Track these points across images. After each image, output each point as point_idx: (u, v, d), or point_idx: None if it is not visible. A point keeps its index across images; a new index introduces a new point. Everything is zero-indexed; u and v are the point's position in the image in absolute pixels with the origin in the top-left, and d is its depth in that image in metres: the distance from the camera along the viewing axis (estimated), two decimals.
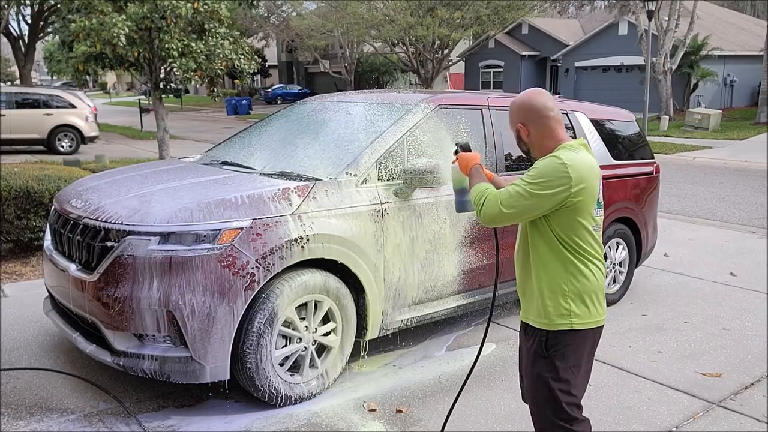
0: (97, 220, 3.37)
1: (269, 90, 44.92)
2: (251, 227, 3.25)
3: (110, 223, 3.30)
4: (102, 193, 3.70)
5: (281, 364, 3.43)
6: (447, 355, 4.17)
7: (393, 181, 3.84)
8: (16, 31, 23.53)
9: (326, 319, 3.62)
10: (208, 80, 10.50)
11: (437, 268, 4.03)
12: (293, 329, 3.46)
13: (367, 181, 3.74)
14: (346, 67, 37.74)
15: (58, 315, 3.85)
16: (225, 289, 3.16)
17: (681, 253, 6.76)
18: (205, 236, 3.18)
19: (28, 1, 20.67)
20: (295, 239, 3.34)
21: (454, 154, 2.67)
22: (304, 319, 3.51)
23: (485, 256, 4.28)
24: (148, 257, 3.15)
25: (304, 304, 3.50)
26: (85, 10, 9.32)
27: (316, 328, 3.57)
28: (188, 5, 9.33)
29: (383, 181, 3.81)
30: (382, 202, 3.74)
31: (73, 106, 16.34)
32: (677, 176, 12.63)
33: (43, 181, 5.96)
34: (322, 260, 3.51)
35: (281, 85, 46.07)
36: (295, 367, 3.53)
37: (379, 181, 3.79)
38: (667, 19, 23.96)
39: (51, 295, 3.96)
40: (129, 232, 3.22)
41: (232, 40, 10.36)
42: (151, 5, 9.10)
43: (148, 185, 3.74)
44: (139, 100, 27.89)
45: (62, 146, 16.05)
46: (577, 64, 31.84)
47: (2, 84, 32.10)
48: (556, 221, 2.25)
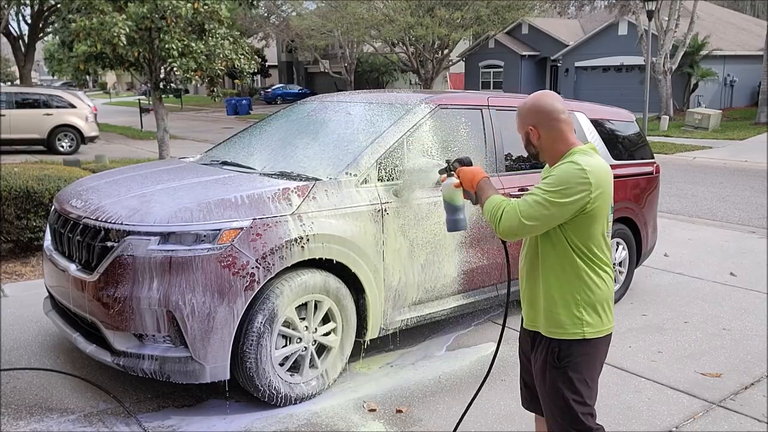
0: (97, 220, 3.37)
1: (269, 90, 44.92)
2: (251, 227, 3.25)
3: (110, 223, 3.30)
4: (102, 193, 3.70)
5: (281, 364, 3.43)
6: (447, 355, 4.17)
7: (393, 181, 3.84)
8: (16, 31, 23.54)
9: (326, 319, 3.62)
10: (208, 80, 10.51)
11: (437, 269, 4.03)
12: (293, 329, 3.46)
13: (367, 181, 3.74)
14: (346, 67, 37.74)
15: (58, 315, 3.85)
16: (225, 289, 3.16)
17: (681, 253, 6.76)
18: (205, 236, 3.18)
19: (28, 1, 20.67)
20: (295, 239, 3.34)
21: (446, 170, 2.56)
22: (304, 319, 3.51)
23: (485, 256, 4.29)
24: (148, 257, 3.15)
25: (304, 304, 3.50)
26: (86, 9, 9.32)
27: (316, 328, 3.57)
28: (188, 5, 9.33)
29: (383, 181, 3.81)
30: (382, 202, 3.74)
31: (73, 106, 16.34)
32: (677, 176, 12.63)
33: (43, 181, 5.96)
34: (322, 260, 3.51)
35: (281, 85, 46.07)
36: (295, 367, 3.53)
37: (379, 181, 3.79)
38: (667, 19, 23.96)
39: (51, 295, 3.96)
40: (129, 232, 3.22)
41: (232, 40, 10.36)
42: (151, 5, 9.11)
43: (148, 185, 3.74)
44: (139, 100, 27.89)
45: (62, 146, 16.05)
46: (577, 64, 31.83)
47: (2, 84, 32.09)
48: (572, 229, 2.21)
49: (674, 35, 24.13)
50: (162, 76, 10.70)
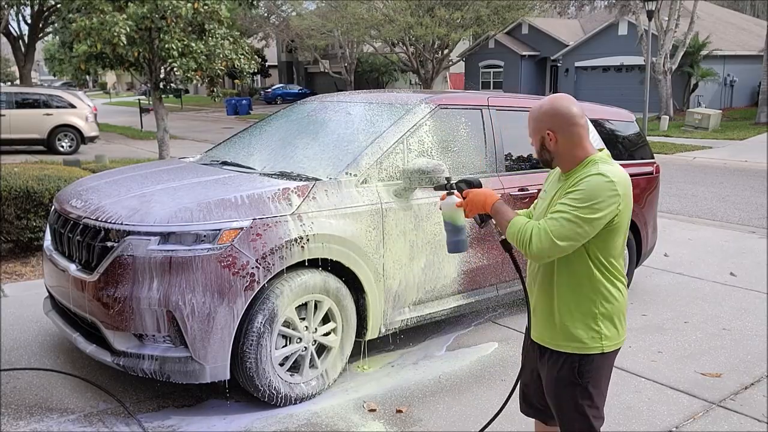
0: (97, 220, 3.37)
1: (269, 90, 44.93)
2: (251, 227, 3.25)
3: (110, 223, 3.30)
4: (102, 193, 3.70)
5: (281, 364, 3.43)
6: (447, 355, 4.17)
7: (393, 181, 3.84)
8: (16, 31, 23.55)
9: (326, 319, 3.62)
10: (208, 80, 10.51)
11: (437, 269, 4.03)
12: (293, 329, 3.46)
13: (367, 182, 3.74)
14: (346, 67, 37.75)
15: (58, 315, 3.85)
16: (225, 289, 3.16)
17: (681, 253, 6.76)
18: (205, 236, 3.18)
19: (28, 1, 20.67)
20: (295, 239, 3.34)
21: (445, 189, 2.41)
22: (304, 319, 3.51)
23: (485, 256, 4.28)
24: (148, 257, 3.15)
25: (304, 304, 3.50)
26: (86, 9, 9.32)
27: (316, 328, 3.57)
28: (188, 5, 9.34)
29: (383, 182, 3.81)
30: (383, 203, 3.74)
31: (73, 106, 16.35)
32: (677, 176, 12.63)
33: (43, 181, 5.96)
34: (322, 260, 3.51)
35: (281, 85, 46.08)
36: (295, 367, 3.53)
37: (379, 182, 3.79)
38: (667, 19, 23.96)
39: (51, 295, 3.96)
40: (129, 232, 3.22)
41: (232, 40, 10.37)
42: (151, 5, 9.11)
43: (148, 185, 3.74)
44: (139, 100, 27.90)
45: (62, 146, 16.05)
46: (577, 64, 31.84)
47: (2, 84, 32.10)
48: (595, 242, 2.11)
49: (674, 35, 24.13)
50: (162, 76, 10.70)
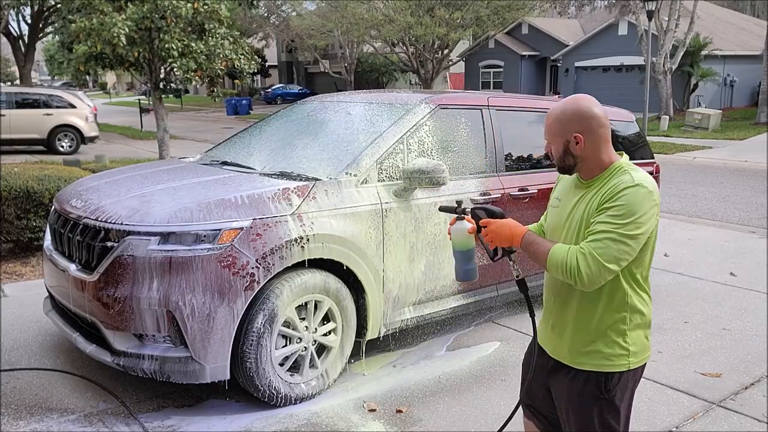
0: (97, 220, 3.37)
1: (269, 90, 44.93)
2: (251, 227, 3.25)
3: (110, 223, 3.30)
4: (102, 193, 3.70)
5: (281, 364, 3.43)
6: (447, 355, 4.17)
7: (393, 181, 3.84)
8: (16, 31, 23.54)
9: (326, 319, 3.62)
10: (208, 80, 10.51)
11: (437, 269, 4.03)
12: (293, 329, 3.46)
13: (368, 182, 3.74)
14: (346, 67, 37.75)
15: (58, 315, 3.85)
16: (225, 289, 3.16)
17: (681, 253, 6.76)
18: (205, 236, 3.18)
19: (28, 1, 20.68)
20: (295, 239, 3.34)
21: (455, 212, 2.24)
22: (304, 319, 3.51)
23: (485, 255, 4.27)
24: (148, 257, 3.15)
25: (304, 304, 3.50)
26: (86, 10, 9.33)
27: (316, 328, 3.57)
28: (188, 5, 9.34)
29: (383, 182, 3.81)
30: (383, 203, 3.74)
31: (73, 106, 16.35)
32: (677, 176, 12.63)
33: (43, 181, 5.96)
34: (322, 260, 3.51)
35: (281, 85, 46.09)
36: (295, 367, 3.53)
37: (379, 182, 3.79)
38: (667, 19, 23.97)
39: (51, 295, 3.96)
40: (129, 232, 3.22)
41: (232, 40, 10.37)
42: (151, 5, 9.11)
43: (148, 185, 3.74)
44: (139, 100, 27.90)
45: (62, 146, 16.06)
46: (577, 64, 31.84)
47: (2, 84, 32.10)
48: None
49: (674, 35, 24.13)
50: (162, 76, 10.70)
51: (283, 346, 3.45)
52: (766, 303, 5.21)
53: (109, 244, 3.26)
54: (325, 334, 3.62)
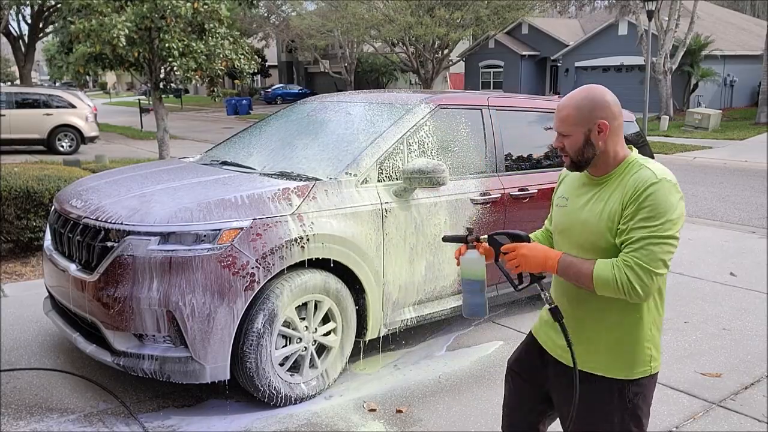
0: (97, 220, 3.37)
1: (269, 90, 44.95)
2: (251, 227, 3.25)
3: (110, 223, 3.30)
4: (102, 193, 3.70)
5: (281, 364, 3.43)
6: (447, 355, 4.17)
7: (393, 181, 3.85)
8: (16, 31, 23.54)
9: (326, 319, 3.62)
10: (208, 80, 10.51)
11: (438, 269, 4.03)
12: (293, 329, 3.46)
13: (368, 182, 3.74)
14: (346, 67, 37.75)
15: (58, 315, 3.85)
16: (225, 289, 3.16)
17: (681, 253, 6.75)
18: (205, 236, 3.18)
19: (28, 1, 20.68)
20: (295, 239, 3.34)
21: (465, 241, 2.08)
22: (304, 319, 3.51)
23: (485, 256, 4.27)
24: (148, 257, 3.15)
25: (304, 304, 3.50)
26: (85, 11, 9.33)
27: (316, 328, 3.57)
28: (188, 5, 9.34)
29: (383, 182, 3.81)
30: (383, 203, 3.74)
31: (73, 106, 16.36)
32: (677, 176, 12.44)
33: (43, 181, 5.96)
34: (322, 260, 3.51)
35: (281, 85, 46.09)
36: (295, 367, 3.53)
37: (379, 182, 3.79)
38: (667, 19, 23.97)
39: (51, 295, 3.96)
40: (129, 232, 3.22)
41: (232, 40, 10.37)
42: (151, 5, 9.11)
43: (148, 185, 3.74)
44: (139, 100, 27.91)
45: (62, 146, 16.06)
46: (577, 64, 31.84)
47: (2, 84, 32.10)
48: None
49: (674, 35, 24.13)
50: (162, 76, 10.70)
51: (283, 346, 3.45)
52: (766, 303, 5.21)
53: (109, 244, 3.26)
54: (325, 334, 3.62)
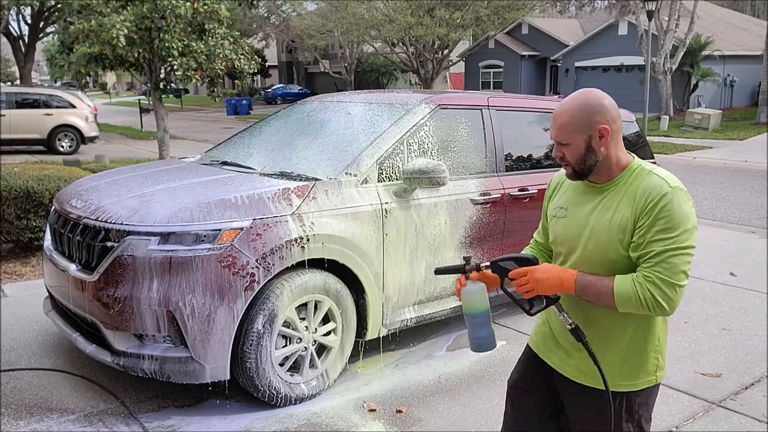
0: (97, 220, 3.37)
1: (269, 90, 44.95)
2: (251, 227, 3.25)
3: (110, 223, 3.30)
4: (102, 193, 3.70)
5: (281, 364, 3.43)
6: (447, 356, 4.17)
7: (393, 181, 3.84)
8: (16, 31, 23.54)
9: (326, 320, 3.62)
10: (208, 80, 10.52)
11: None
12: (293, 329, 3.46)
13: (368, 182, 3.74)
14: (346, 67, 37.75)
15: (58, 315, 3.85)
16: (225, 289, 3.16)
17: None
18: (205, 236, 3.18)
19: (28, 2, 20.70)
20: (295, 239, 3.34)
21: (463, 271, 1.95)
22: (304, 319, 3.51)
23: (485, 255, 4.28)
24: (148, 257, 3.15)
25: (304, 305, 3.50)
26: (85, 12, 9.33)
27: (316, 329, 3.57)
28: (188, 5, 9.34)
29: (383, 182, 3.81)
30: (383, 203, 3.74)
31: (73, 106, 16.36)
32: (677, 176, 12.58)
33: (43, 181, 5.96)
34: (322, 260, 3.51)
35: (281, 85, 46.10)
36: (295, 367, 3.53)
37: (379, 182, 3.79)
38: (667, 19, 23.97)
39: (51, 295, 3.96)
40: (129, 232, 3.22)
41: (232, 40, 10.37)
42: (151, 5, 9.11)
43: (148, 185, 3.74)
44: (139, 100, 27.92)
45: (62, 146, 16.06)
46: (577, 64, 31.84)
47: (2, 84, 32.11)
48: None
49: (674, 35, 24.13)
50: (162, 76, 10.71)
51: (283, 346, 3.45)
52: (766, 303, 5.21)
53: (109, 244, 3.26)
54: (325, 334, 3.62)
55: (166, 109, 11.46)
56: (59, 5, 16.44)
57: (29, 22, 22.95)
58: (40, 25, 22.97)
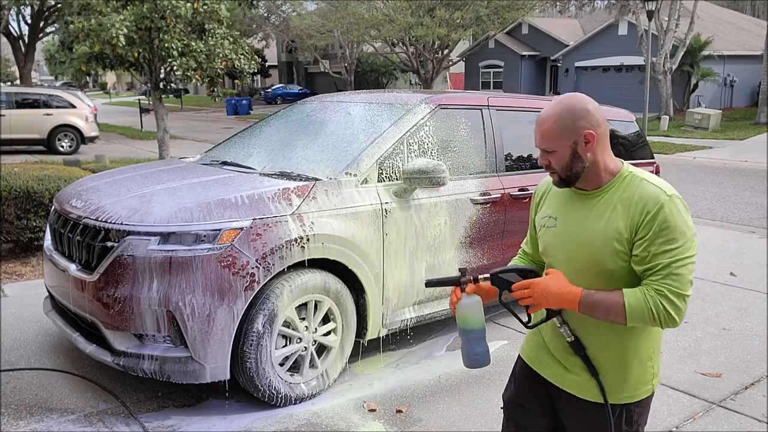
0: (97, 220, 3.37)
1: (269, 90, 44.95)
2: (251, 227, 3.25)
3: (110, 223, 3.30)
4: (102, 193, 3.70)
5: (281, 364, 3.43)
6: (447, 355, 4.17)
7: (393, 181, 3.84)
8: (16, 31, 23.54)
9: (326, 319, 3.62)
10: (208, 80, 10.52)
11: (438, 269, 4.03)
12: (293, 329, 3.46)
13: (368, 182, 3.74)
14: (346, 67, 37.75)
15: (58, 315, 3.85)
16: (225, 289, 3.16)
17: None
18: (205, 236, 3.18)
19: (28, 1, 20.70)
20: (295, 239, 3.34)
21: (458, 283, 1.86)
22: (304, 319, 3.51)
23: (485, 255, 4.28)
24: (148, 257, 3.15)
25: (304, 304, 3.50)
26: (85, 12, 9.33)
27: (316, 328, 3.57)
28: (187, 5, 9.34)
29: (383, 182, 3.81)
30: (383, 203, 3.74)
31: (73, 106, 16.36)
32: (677, 176, 12.63)
33: (43, 181, 5.96)
34: (322, 260, 3.51)
35: (281, 85, 46.10)
36: (295, 367, 3.53)
37: (379, 182, 3.79)
38: (667, 19, 23.97)
39: (51, 295, 3.96)
40: (129, 232, 3.22)
41: (232, 40, 10.37)
42: (151, 5, 9.11)
43: (148, 185, 3.74)
44: (139, 100, 27.92)
45: (62, 146, 16.06)
46: (577, 64, 31.84)
47: (2, 84, 32.11)
48: None
49: (674, 35, 24.14)
50: (162, 76, 10.71)
51: (283, 346, 3.45)
52: (766, 303, 5.21)
53: (109, 244, 3.26)
54: (325, 334, 3.62)
55: (166, 109, 11.46)
56: (59, 5, 16.43)
57: (29, 22, 22.94)
58: (40, 25, 22.96)
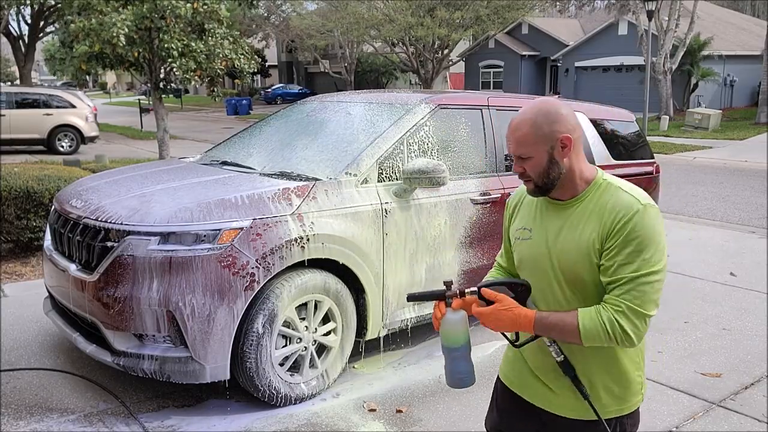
0: (97, 220, 3.37)
1: (269, 90, 44.94)
2: (251, 227, 3.25)
3: (110, 223, 3.30)
4: (102, 193, 3.70)
5: (281, 364, 3.44)
6: None
7: (393, 181, 3.85)
8: (16, 31, 23.53)
9: (326, 319, 3.62)
10: (208, 80, 10.52)
11: (438, 269, 4.03)
12: (293, 329, 3.46)
13: (368, 182, 3.74)
14: (346, 67, 37.75)
15: (58, 315, 3.85)
16: (225, 289, 3.16)
17: (681, 253, 6.75)
18: (205, 236, 3.18)
19: (28, 1, 20.69)
20: (295, 239, 3.34)
21: (443, 298, 1.74)
22: (304, 319, 3.51)
23: (485, 255, 4.28)
24: (148, 257, 3.15)
25: (304, 304, 3.50)
26: (85, 11, 9.33)
27: (316, 328, 3.57)
28: (187, 5, 9.34)
29: (383, 182, 3.81)
30: (383, 203, 3.74)
31: (73, 106, 16.36)
32: (677, 176, 12.63)
33: (43, 181, 5.96)
34: (322, 260, 3.51)
35: (281, 85, 46.09)
36: (295, 367, 3.53)
37: (379, 182, 3.79)
38: (667, 19, 23.97)
39: (51, 295, 3.96)
40: (129, 232, 3.22)
41: (231, 39, 10.37)
42: (151, 5, 9.11)
43: (148, 185, 3.74)
44: (139, 100, 27.91)
45: (62, 146, 16.06)
46: (577, 64, 31.83)
47: (2, 84, 32.11)
48: None
49: (674, 35, 24.13)
50: (162, 76, 10.71)
51: (283, 346, 3.45)
52: (766, 303, 5.21)
53: (109, 244, 3.26)
54: (325, 334, 3.62)
55: (166, 109, 11.46)
56: (59, 5, 16.44)
57: (29, 22, 22.93)
58: (40, 25, 22.95)
